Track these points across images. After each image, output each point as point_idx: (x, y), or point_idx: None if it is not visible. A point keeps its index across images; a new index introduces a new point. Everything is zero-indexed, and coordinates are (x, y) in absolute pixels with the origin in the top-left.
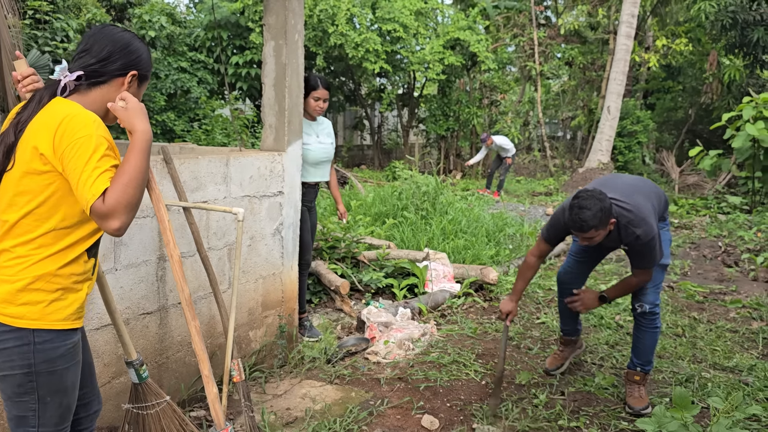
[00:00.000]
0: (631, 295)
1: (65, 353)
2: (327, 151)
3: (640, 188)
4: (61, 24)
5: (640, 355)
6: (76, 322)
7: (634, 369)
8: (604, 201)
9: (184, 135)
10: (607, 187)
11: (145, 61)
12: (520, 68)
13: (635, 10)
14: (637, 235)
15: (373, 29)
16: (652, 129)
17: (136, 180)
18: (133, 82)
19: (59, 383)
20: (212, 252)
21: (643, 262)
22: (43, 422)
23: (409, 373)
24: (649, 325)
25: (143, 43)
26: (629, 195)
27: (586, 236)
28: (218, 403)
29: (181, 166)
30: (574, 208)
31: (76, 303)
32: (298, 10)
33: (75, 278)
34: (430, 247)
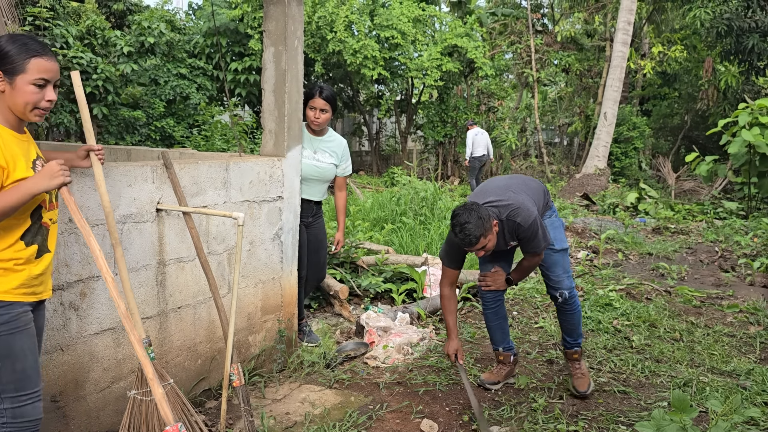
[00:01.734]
0: (548, 287)
1: (8, 321)
2: (320, 171)
3: (511, 186)
4: (60, 30)
5: (571, 333)
6: (19, 296)
7: (570, 348)
8: (479, 209)
9: (183, 141)
10: (481, 194)
11: (6, 57)
12: (517, 75)
13: (631, 17)
14: (518, 222)
15: (372, 36)
16: (648, 135)
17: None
18: (3, 81)
19: (6, 348)
20: (212, 257)
21: (532, 246)
22: (3, 388)
23: (408, 377)
24: (571, 308)
25: (17, 37)
26: (502, 193)
27: (478, 247)
28: (165, 403)
29: (181, 171)
30: (455, 228)
31: (18, 280)
32: (297, 16)
33: (15, 262)
34: (428, 252)
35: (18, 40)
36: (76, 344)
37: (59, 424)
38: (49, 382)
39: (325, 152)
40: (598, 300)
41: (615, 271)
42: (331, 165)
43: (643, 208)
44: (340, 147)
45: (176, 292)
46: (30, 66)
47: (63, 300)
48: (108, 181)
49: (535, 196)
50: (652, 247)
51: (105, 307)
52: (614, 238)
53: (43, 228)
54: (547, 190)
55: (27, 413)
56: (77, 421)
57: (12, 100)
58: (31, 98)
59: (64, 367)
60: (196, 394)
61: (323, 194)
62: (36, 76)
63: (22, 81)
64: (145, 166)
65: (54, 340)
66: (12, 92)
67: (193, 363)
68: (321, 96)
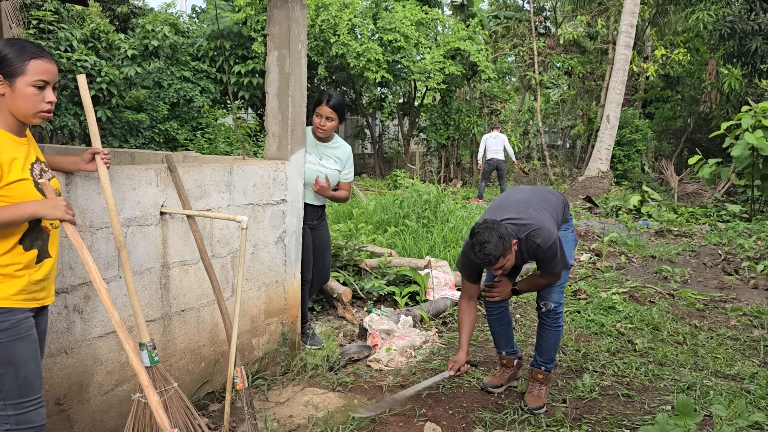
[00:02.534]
0: (537, 295)
1: (9, 327)
2: (322, 177)
3: (531, 201)
4: (65, 34)
5: (543, 353)
6: (19, 302)
7: (538, 368)
8: (500, 227)
9: (186, 144)
10: (500, 209)
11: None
12: (519, 78)
13: (634, 20)
14: (538, 244)
15: (375, 39)
16: (651, 138)
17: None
18: (3, 85)
19: (7, 355)
20: (216, 260)
21: (549, 267)
22: (6, 394)
23: (412, 380)
24: (552, 323)
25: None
26: (523, 210)
27: (497, 267)
28: (161, 410)
29: (185, 174)
30: (475, 246)
31: (17, 286)
32: (301, 20)
33: (15, 267)
34: (431, 255)
35: (15, 44)
36: (80, 347)
37: (63, 428)
38: (53, 385)
39: (330, 158)
40: (601, 303)
41: (618, 274)
42: (335, 171)
43: (646, 210)
44: (345, 153)
45: (180, 295)
46: (29, 68)
47: (67, 303)
48: (112, 185)
49: (554, 212)
50: (655, 250)
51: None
52: (617, 241)
53: (42, 232)
54: (567, 204)
55: (31, 419)
56: (81, 424)
57: (13, 103)
58: (32, 100)
59: (68, 371)
60: (199, 397)
61: (326, 199)
62: (36, 77)
63: (23, 83)
64: (149, 169)
65: (58, 343)
66: (12, 95)
67: (197, 366)
68: (328, 104)
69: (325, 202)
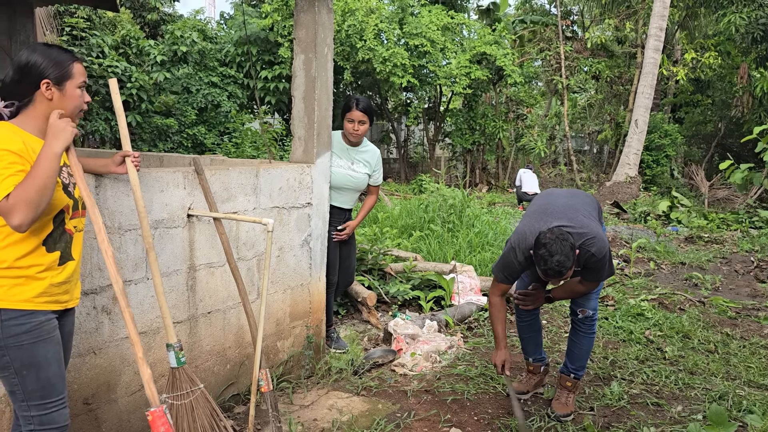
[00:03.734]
0: (572, 301)
1: (31, 329)
2: (354, 181)
3: (576, 206)
4: (96, 40)
5: (575, 359)
6: (41, 305)
7: (568, 374)
8: (568, 238)
9: (214, 148)
10: (548, 215)
11: (50, 65)
12: (546, 82)
13: (663, 23)
14: (592, 252)
15: (401, 44)
16: (680, 143)
17: (36, 184)
18: (52, 89)
19: (29, 357)
20: (241, 262)
21: (596, 276)
22: (29, 396)
23: (436, 385)
24: (588, 330)
25: (46, 48)
26: (573, 218)
27: (563, 278)
28: (152, 384)
29: (212, 177)
30: (544, 258)
31: (38, 289)
32: (327, 24)
33: (36, 269)
34: (456, 260)
35: (51, 51)
36: (108, 348)
37: (91, 427)
38: (82, 384)
39: (360, 163)
40: (630, 310)
41: (647, 280)
42: (365, 175)
43: (675, 216)
44: (374, 157)
45: (206, 297)
46: (75, 71)
47: (96, 304)
48: (141, 187)
49: (597, 216)
50: (685, 257)
51: (137, 311)
52: (646, 247)
53: (66, 234)
54: (600, 205)
55: (54, 420)
56: (108, 424)
57: (61, 106)
58: (79, 101)
59: (97, 370)
60: (225, 398)
61: (354, 202)
62: (81, 79)
63: (72, 86)
64: (177, 172)
65: (87, 343)
66: (62, 98)
67: (222, 368)
68: (358, 108)
69: (353, 206)
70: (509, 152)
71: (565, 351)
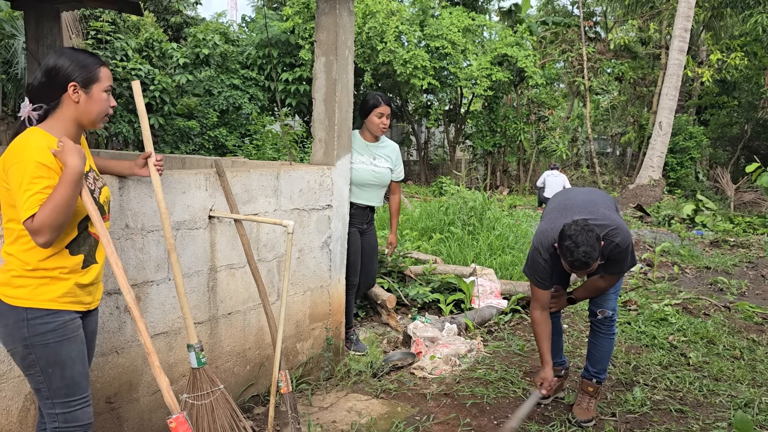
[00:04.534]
0: (591, 302)
1: (56, 329)
2: (377, 175)
3: (596, 200)
4: (120, 43)
5: (596, 362)
6: (65, 305)
7: (590, 379)
8: (593, 228)
9: (235, 150)
10: (568, 210)
11: (77, 68)
12: (568, 84)
13: (688, 24)
14: (617, 243)
15: (421, 46)
16: (705, 145)
17: (60, 207)
18: (79, 92)
19: (54, 356)
20: (262, 264)
21: (617, 268)
22: (53, 393)
23: (456, 389)
24: (607, 331)
25: (73, 52)
26: (594, 210)
27: (589, 270)
28: (170, 392)
29: (233, 179)
30: (570, 249)
31: (63, 289)
32: (348, 26)
33: (60, 270)
34: (477, 263)
35: (78, 54)
36: (130, 347)
37: (114, 425)
38: (105, 383)
39: (381, 158)
40: (653, 315)
41: (670, 285)
42: (387, 169)
43: (700, 220)
44: (394, 152)
45: (227, 298)
46: (101, 75)
47: (119, 304)
48: (163, 189)
49: (615, 210)
50: (710, 261)
51: (158, 312)
52: (670, 250)
53: (90, 238)
54: (617, 204)
55: (78, 418)
56: (131, 422)
57: (86, 109)
58: (105, 105)
59: (119, 370)
60: (244, 399)
61: (381, 200)
62: (107, 83)
63: (98, 90)
64: (198, 174)
65: (110, 342)
66: (88, 102)
67: (242, 369)
68: (385, 103)
69: (380, 204)
70: (530, 154)
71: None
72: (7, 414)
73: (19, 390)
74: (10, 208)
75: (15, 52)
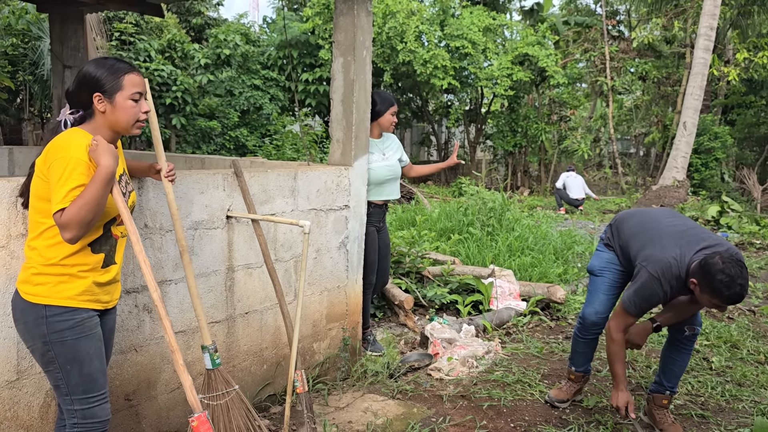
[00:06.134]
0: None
1: (74, 326)
2: (392, 170)
3: (693, 224)
4: (143, 45)
5: (672, 378)
6: (83, 303)
7: (663, 393)
8: (740, 259)
9: (255, 150)
10: (685, 238)
11: (101, 78)
12: (591, 83)
13: (714, 22)
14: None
15: (442, 46)
16: (731, 145)
17: (89, 204)
18: (104, 102)
19: (73, 353)
20: (279, 264)
21: None
22: (72, 390)
23: (473, 391)
24: (691, 347)
25: (101, 61)
26: (707, 237)
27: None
28: (193, 390)
29: (250, 179)
30: (727, 284)
31: (81, 287)
32: (366, 27)
33: (80, 268)
34: (495, 264)
35: (106, 63)
36: (149, 345)
37: (132, 423)
38: (124, 381)
39: (390, 151)
40: None
41: None
42: (397, 161)
43: (725, 222)
44: (396, 142)
45: (244, 297)
46: (125, 83)
47: (137, 302)
48: (181, 188)
49: None
50: None
51: (176, 311)
52: None
53: (112, 239)
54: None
55: (96, 414)
56: (149, 420)
57: (114, 118)
58: (131, 112)
59: (138, 367)
60: (261, 398)
61: (398, 192)
62: (132, 90)
63: (121, 98)
64: (216, 174)
65: (128, 340)
66: (114, 110)
67: (259, 368)
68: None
69: (395, 197)
70: (552, 155)
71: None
72: (29, 410)
73: (40, 386)
74: (42, 201)
75: (41, 54)
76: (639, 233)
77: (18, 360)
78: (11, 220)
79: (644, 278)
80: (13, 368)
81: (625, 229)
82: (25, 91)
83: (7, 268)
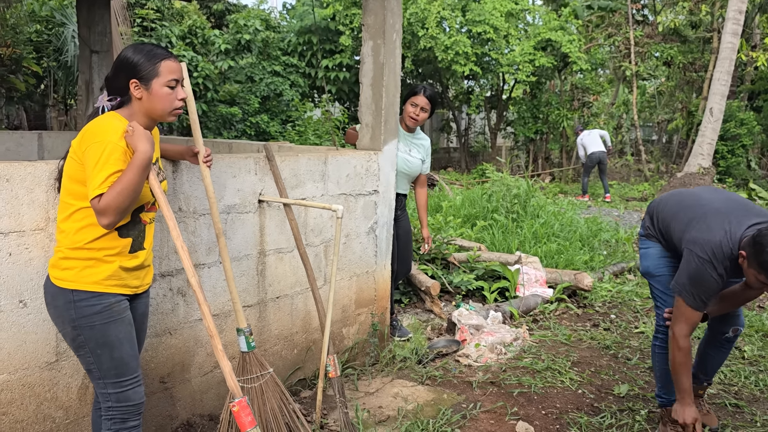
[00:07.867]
0: (722, 319)
1: (101, 311)
2: (410, 165)
3: (740, 198)
4: (165, 31)
5: (710, 371)
6: (110, 287)
7: (701, 383)
8: None
9: (277, 136)
10: (733, 214)
11: (138, 64)
12: (614, 69)
13: (743, 6)
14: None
15: (463, 32)
16: (758, 132)
17: (127, 190)
18: (140, 88)
19: (102, 337)
20: (309, 248)
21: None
22: (104, 374)
23: (502, 377)
24: (731, 346)
25: (138, 47)
26: (760, 212)
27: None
28: (233, 375)
29: (281, 163)
30: None
31: (108, 272)
32: (396, 9)
33: (106, 252)
34: (521, 251)
35: (143, 49)
36: (182, 328)
37: (167, 404)
38: (159, 364)
39: (416, 148)
40: None
41: None
42: (420, 161)
43: None
44: (427, 145)
45: (275, 282)
46: (162, 69)
47: (172, 286)
48: (214, 172)
49: None
50: None
51: (209, 294)
52: None
53: (140, 224)
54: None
55: (129, 397)
56: (183, 402)
57: (150, 105)
58: (167, 99)
59: (172, 350)
60: (291, 383)
61: (407, 188)
62: (168, 77)
63: (158, 85)
64: (248, 158)
65: (163, 323)
66: (150, 97)
67: (290, 352)
68: (424, 94)
69: (407, 192)
70: (573, 141)
71: (634, 346)
72: (68, 391)
73: (78, 368)
74: (76, 183)
75: (65, 40)
76: (680, 212)
77: (57, 342)
78: (50, 202)
79: (694, 264)
80: (53, 350)
81: (665, 211)
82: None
83: (45, 250)
